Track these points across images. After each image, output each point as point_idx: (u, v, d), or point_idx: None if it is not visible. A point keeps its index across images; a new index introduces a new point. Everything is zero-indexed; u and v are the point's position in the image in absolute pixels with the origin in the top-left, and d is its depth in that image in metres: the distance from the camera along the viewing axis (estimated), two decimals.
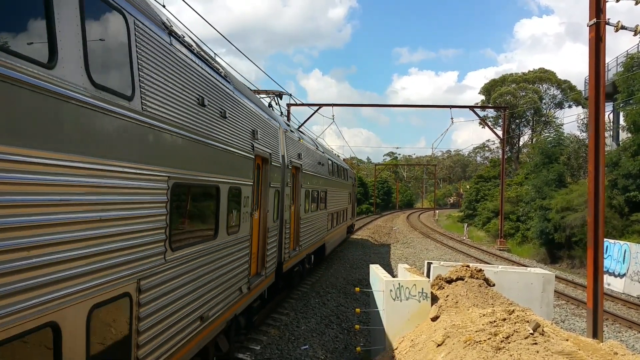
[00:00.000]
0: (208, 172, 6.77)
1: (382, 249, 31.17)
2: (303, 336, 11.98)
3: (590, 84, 11.24)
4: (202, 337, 6.79)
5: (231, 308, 8.14)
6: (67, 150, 3.55)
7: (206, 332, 6.93)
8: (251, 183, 9.04)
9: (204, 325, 6.74)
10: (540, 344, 6.49)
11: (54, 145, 3.41)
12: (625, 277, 20.11)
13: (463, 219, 58.64)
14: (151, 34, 5.22)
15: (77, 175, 3.70)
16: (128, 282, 4.55)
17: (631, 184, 25.40)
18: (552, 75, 66.43)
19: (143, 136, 4.87)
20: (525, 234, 37.54)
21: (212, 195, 7.05)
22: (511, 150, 66.51)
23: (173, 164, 5.53)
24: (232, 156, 7.89)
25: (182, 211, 6.11)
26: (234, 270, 8.17)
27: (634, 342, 13.26)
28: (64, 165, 3.54)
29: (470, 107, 36.70)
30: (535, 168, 38.97)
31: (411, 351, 7.94)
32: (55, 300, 3.43)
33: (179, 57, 5.98)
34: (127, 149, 4.50)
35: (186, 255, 6.00)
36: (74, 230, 3.68)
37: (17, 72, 3.01)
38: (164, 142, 5.39)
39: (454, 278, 9.74)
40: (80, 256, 3.74)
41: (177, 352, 5.83)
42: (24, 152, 3.11)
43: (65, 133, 3.56)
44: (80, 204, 3.77)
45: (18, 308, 3.08)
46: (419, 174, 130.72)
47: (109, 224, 4.17)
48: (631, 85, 27.67)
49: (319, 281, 18.71)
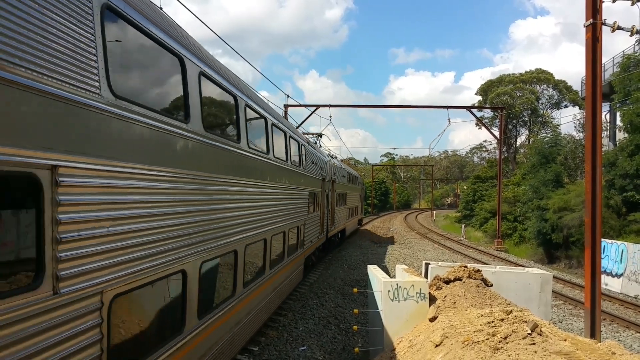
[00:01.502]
0: (312, 187, 16.67)
1: (379, 249, 31.17)
2: (301, 337, 11.96)
3: (587, 84, 11.26)
4: (312, 248, 17.72)
5: (315, 243, 18.68)
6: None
7: (313, 246, 17.94)
8: (320, 190, 18.72)
9: (313, 244, 17.75)
10: (538, 344, 6.49)
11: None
12: (622, 277, 20.15)
13: (460, 219, 58.72)
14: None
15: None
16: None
17: (628, 184, 25.46)
18: (549, 75, 66.54)
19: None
20: (523, 235, 37.60)
21: (312, 194, 16.56)
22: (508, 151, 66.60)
23: (309, 183, 15.82)
24: (315, 179, 17.42)
25: (312, 202, 16.70)
26: (316, 228, 18.37)
27: (632, 341, 13.28)
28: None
29: (467, 108, 36.77)
30: (532, 168, 39.03)
31: (409, 352, 7.93)
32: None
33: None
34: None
35: (310, 218, 16.53)
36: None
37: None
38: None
39: (451, 278, 9.74)
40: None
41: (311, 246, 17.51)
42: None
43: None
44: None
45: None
46: (416, 174, 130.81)
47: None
48: (628, 86, 27.75)
49: (317, 282, 18.70)
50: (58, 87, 3.66)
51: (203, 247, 6.59)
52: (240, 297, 8.55)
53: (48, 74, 3.56)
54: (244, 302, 8.87)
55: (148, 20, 5.24)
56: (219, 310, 7.48)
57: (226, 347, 7.99)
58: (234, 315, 8.27)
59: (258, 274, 9.99)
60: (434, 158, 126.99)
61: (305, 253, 16.49)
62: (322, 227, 20.22)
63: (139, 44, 5.27)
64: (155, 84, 5.85)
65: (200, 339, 6.67)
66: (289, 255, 13.19)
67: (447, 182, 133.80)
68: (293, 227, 13.49)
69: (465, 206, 59.29)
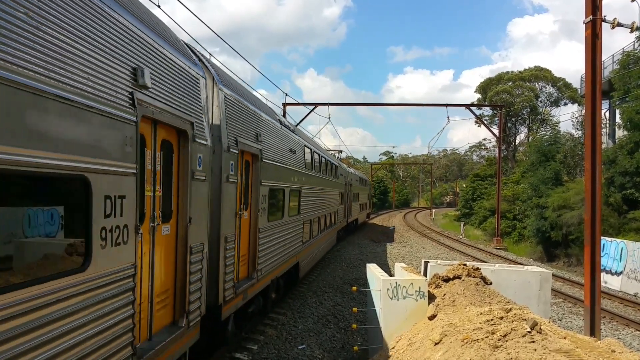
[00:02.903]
0: (341, 189, 27.31)
1: (378, 248, 31.17)
2: (300, 336, 11.94)
3: (586, 81, 11.22)
4: (340, 226, 28.64)
5: (341, 223, 29.16)
6: None
7: (340, 225, 28.52)
8: (344, 191, 28.58)
9: (340, 224, 28.58)
10: (537, 342, 6.46)
11: None
12: (622, 275, 20.14)
13: (460, 217, 58.76)
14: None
15: None
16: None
17: (628, 182, 25.44)
18: (548, 73, 66.54)
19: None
20: (522, 233, 37.64)
21: (340, 194, 27.10)
22: (507, 149, 66.62)
23: (339, 187, 26.41)
24: (342, 185, 27.53)
25: (347, 198, 31.04)
26: (342, 215, 28.62)
27: (631, 339, 13.27)
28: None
29: (466, 106, 36.73)
30: (531, 166, 39.04)
31: (408, 350, 7.91)
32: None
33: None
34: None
35: (339, 208, 27.51)
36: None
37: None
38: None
39: (451, 277, 9.71)
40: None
41: (340, 225, 28.43)
42: None
43: None
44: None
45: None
46: (415, 173, 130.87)
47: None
48: (627, 83, 27.73)
49: (316, 280, 18.68)
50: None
51: (312, 213, 16.79)
52: (318, 236, 18.95)
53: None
54: (321, 238, 19.89)
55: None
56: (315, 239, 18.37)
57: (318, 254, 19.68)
58: (318, 242, 19.05)
59: (323, 229, 20.50)
60: (433, 156, 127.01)
61: (337, 228, 26.68)
62: (345, 215, 30.06)
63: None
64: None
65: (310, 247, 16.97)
66: (331, 226, 23.45)
67: (446, 180, 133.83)
68: (333, 211, 23.81)
69: (465, 204, 59.31)
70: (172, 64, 6.11)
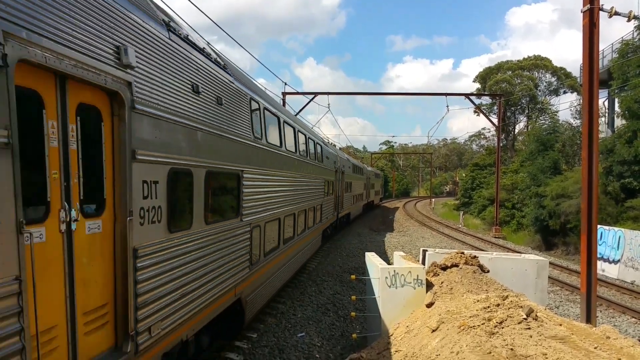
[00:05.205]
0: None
1: (378, 237, 31.28)
2: (300, 324, 12.06)
3: (584, 70, 11.24)
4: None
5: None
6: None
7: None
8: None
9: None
10: (533, 329, 6.56)
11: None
12: (619, 263, 20.27)
13: (459, 207, 58.85)
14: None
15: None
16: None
17: (626, 171, 25.48)
18: (548, 62, 66.28)
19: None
20: (521, 222, 37.73)
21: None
22: (507, 138, 66.57)
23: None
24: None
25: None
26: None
27: (627, 326, 13.40)
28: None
29: (465, 95, 36.64)
30: (530, 155, 39.03)
31: (406, 337, 8.01)
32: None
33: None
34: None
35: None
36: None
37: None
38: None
39: (448, 265, 9.80)
40: None
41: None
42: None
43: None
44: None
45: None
46: (415, 162, 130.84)
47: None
48: (626, 72, 27.68)
49: (315, 269, 18.79)
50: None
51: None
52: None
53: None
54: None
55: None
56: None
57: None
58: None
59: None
60: (433, 146, 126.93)
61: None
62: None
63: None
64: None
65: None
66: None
67: (445, 170, 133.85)
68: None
69: (464, 194, 59.39)
70: (337, 156, 13.58)
